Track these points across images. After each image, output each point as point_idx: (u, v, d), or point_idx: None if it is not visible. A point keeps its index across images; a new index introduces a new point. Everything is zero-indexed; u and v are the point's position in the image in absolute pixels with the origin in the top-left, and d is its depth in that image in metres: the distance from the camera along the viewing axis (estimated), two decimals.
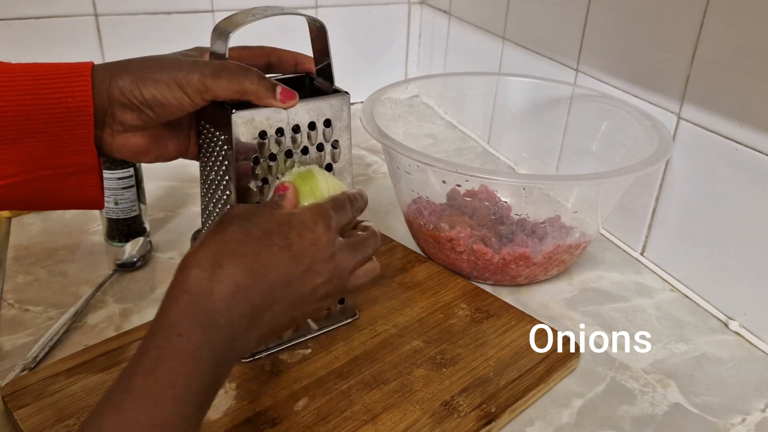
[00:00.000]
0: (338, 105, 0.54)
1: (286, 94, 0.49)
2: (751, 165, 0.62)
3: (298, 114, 0.52)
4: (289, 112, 0.51)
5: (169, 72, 0.47)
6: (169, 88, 0.47)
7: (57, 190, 0.49)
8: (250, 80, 0.48)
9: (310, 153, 0.54)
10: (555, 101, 0.86)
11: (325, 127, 0.54)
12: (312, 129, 0.53)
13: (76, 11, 0.94)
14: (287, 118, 0.51)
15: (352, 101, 0.55)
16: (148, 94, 0.47)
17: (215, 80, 0.47)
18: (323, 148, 0.54)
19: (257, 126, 0.50)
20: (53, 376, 0.53)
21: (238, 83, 0.47)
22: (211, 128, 0.52)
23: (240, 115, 0.49)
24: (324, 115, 0.53)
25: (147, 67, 0.47)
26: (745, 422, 0.55)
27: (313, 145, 0.54)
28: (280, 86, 0.49)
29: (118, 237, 0.74)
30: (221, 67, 0.48)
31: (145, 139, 0.50)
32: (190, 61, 0.48)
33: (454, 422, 0.51)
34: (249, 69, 0.48)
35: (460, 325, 0.62)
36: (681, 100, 0.69)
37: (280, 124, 0.51)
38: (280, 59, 0.56)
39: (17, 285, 0.67)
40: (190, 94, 0.47)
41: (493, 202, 0.75)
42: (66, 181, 0.48)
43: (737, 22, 0.61)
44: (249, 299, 0.41)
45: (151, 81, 0.46)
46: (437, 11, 1.18)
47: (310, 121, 0.53)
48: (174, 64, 0.47)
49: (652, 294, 0.71)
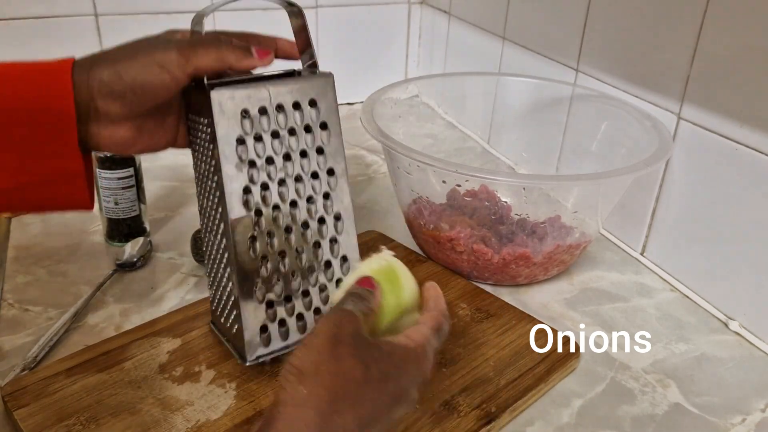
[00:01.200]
0: (321, 85, 0.53)
1: (261, 52, 0.49)
2: (751, 165, 0.62)
3: (281, 94, 0.51)
4: (271, 91, 0.51)
5: (146, 52, 0.47)
6: (149, 68, 0.46)
7: (43, 196, 0.48)
8: (225, 45, 0.48)
9: (298, 134, 0.53)
10: (555, 101, 0.86)
11: (311, 107, 0.53)
12: (297, 109, 0.52)
13: (76, 11, 0.94)
14: (269, 96, 0.51)
15: (353, 101, 0.55)
16: (128, 77, 0.46)
17: (193, 52, 0.47)
18: (311, 129, 0.54)
19: (238, 104, 0.50)
20: (53, 375, 0.53)
21: (216, 50, 0.47)
22: (196, 117, 0.52)
23: (219, 92, 0.49)
24: (308, 95, 0.53)
25: (123, 53, 0.47)
26: (745, 422, 0.55)
27: (300, 126, 0.53)
28: (254, 47, 0.49)
29: (118, 237, 0.74)
30: (196, 40, 0.48)
31: (131, 130, 0.49)
32: (165, 39, 0.49)
33: (454, 422, 0.51)
34: (220, 37, 0.49)
35: (460, 325, 0.62)
36: (681, 100, 0.69)
37: (263, 102, 0.51)
38: (259, 44, 0.55)
39: (17, 285, 0.67)
40: (171, 70, 0.46)
41: (493, 202, 0.75)
42: (52, 186, 0.47)
43: (737, 23, 0.61)
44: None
45: (129, 65, 0.46)
46: (437, 11, 1.18)
47: (294, 100, 0.52)
48: (150, 45, 0.48)
49: (652, 294, 0.71)
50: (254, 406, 0.52)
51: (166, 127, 0.53)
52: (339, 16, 1.14)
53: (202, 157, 0.53)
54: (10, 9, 0.90)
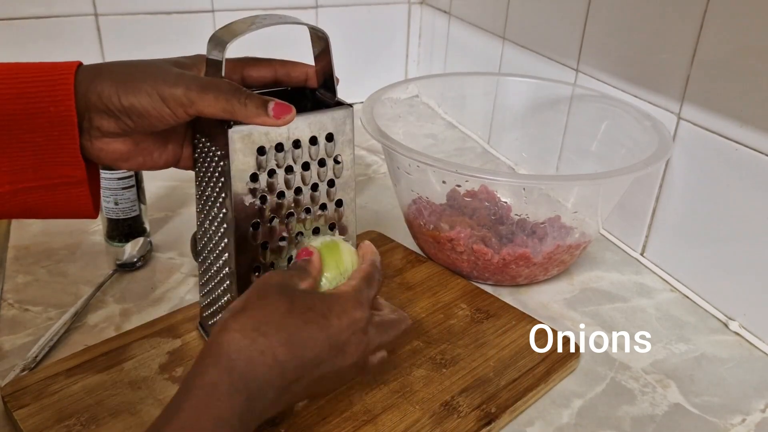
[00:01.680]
0: (341, 118, 0.51)
1: (279, 109, 0.45)
2: (751, 165, 0.62)
3: (299, 128, 0.50)
4: (290, 126, 0.49)
5: (153, 81, 0.44)
6: (150, 98, 0.44)
7: (45, 202, 0.47)
8: (238, 98, 0.45)
9: (311, 169, 0.52)
10: (555, 101, 0.86)
11: (327, 141, 0.52)
12: (314, 144, 0.51)
13: (76, 11, 0.94)
14: (287, 132, 0.49)
15: (353, 101, 0.54)
16: (127, 102, 0.44)
17: (201, 96, 0.44)
18: (325, 163, 0.52)
19: (255, 141, 0.48)
20: (53, 376, 0.53)
21: (226, 101, 0.44)
22: (207, 142, 0.51)
23: (237, 131, 0.47)
24: (326, 129, 0.51)
25: (129, 74, 0.45)
26: (745, 422, 0.55)
27: (314, 160, 0.52)
28: (273, 101, 0.45)
29: (118, 237, 0.74)
30: (210, 83, 0.45)
31: (126, 145, 0.48)
32: (177, 73, 0.46)
33: (454, 422, 0.51)
34: (239, 88, 0.45)
35: (460, 326, 0.62)
36: (681, 100, 0.69)
37: (280, 139, 0.49)
38: (288, 74, 0.53)
39: (17, 285, 0.68)
40: (171, 107, 0.45)
41: (493, 203, 0.75)
42: (54, 192, 0.47)
43: (737, 23, 0.61)
44: (283, 375, 0.41)
45: (131, 89, 0.44)
46: (437, 11, 1.18)
47: (312, 135, 0.50)
48: (159, 73, 0.45)
49: (652, 294, 0.71)
50: None
51: (168, 150, 0.52)
52: (339, 17, 1.14)
53: (209, 181, 0.52)
54: (10, 9, 0.90)
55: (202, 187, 0.53)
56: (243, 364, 0.40)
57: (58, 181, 0.46)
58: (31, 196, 0.46)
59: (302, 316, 0.43)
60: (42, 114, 0.44)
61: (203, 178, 0.53)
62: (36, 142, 0.44)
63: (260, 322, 0.41)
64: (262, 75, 0.53)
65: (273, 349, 0.41)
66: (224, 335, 0.41)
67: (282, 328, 0.42)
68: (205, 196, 0.53)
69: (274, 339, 0.41)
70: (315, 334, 0.43)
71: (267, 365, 0.40)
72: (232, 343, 0.40)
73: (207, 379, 0.39)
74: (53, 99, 0.44)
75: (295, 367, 0.42)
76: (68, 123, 0.44)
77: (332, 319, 0.44)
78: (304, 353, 0.42)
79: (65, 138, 0.45)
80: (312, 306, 0.44)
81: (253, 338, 0.40)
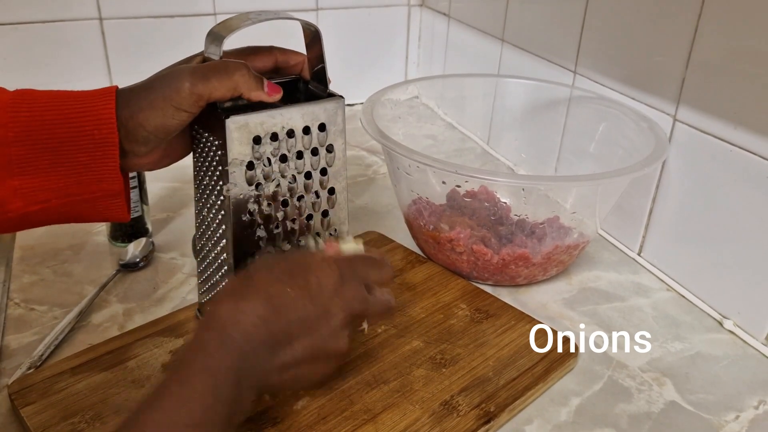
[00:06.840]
0: (333, 109, 0.54)
1: (272, 88, 0.50)
2: (745, 166, 0.62)
3: (293, 119, 0.52)
4: (284, 116, 0.52)
5: (163, 97, 0.47)
6: (166, 111, 0.48)
7: (86, 211, 0.51)
8: (240, 73, 0.48)
9: (305, 158, 0.54)
10: (553, 103, 0.87)
11: (319, 131, 0.54)
12: (306, 133, 0.54)
13: (80, 15, 0.94)
14: (282, 122, 0.52)
15: (353, 102, 0.55)
16: (150, 126, 0.48)
17: (206, 84, 0.47)
18: (318, 152, 0.55)
19: (251, 131, 0.50)
20: (58, 374, 0.54)
21: (229, 78, 0.48)
22: (204, 132, 0.53)
23: (234, 120, 0.49)
24: (318, 119, 0.54)
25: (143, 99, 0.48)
26: (739, 419, 0.55)
27: (307, 149, 0.54)
28: (266, 81, 0.50)
29: (122, 237, 0.75)
30: (208, 68, 0.48)
31: (156, 153, 0.52)
32: (176, 72, 0.48)
33: (454, 421, 0.52)
34: (236, 62, 0.49)
35: (460, 326, 0.63)
36: (677, 102, 0.70)
37: (275, 128, 0.52)
38: (287, 61, 0.56)
39: (23, 285, 0.68)
40: (187, 108, 0.48)
41: (492, 203, 0.75)
42: (94, 203, 0.50)
43: (732, 26, 0.62)
44: (268, 329, 0.44)
45: (149, 115, 0.48)
46: (437, 13, 1.18)
47: (305, 125, 0.53)
48: (164, 85, 0.48)
49: (649, 293, 0.71)
50: (255, 406, 0.52)
51: (185, 140, 0.55)
52: (339, 19, 1.15)
53: (206, 170, 0.54)
54: (16, 13, 0.91)
55: (200, 176, 0.55)
56: (230, 324, 0.43)
57: (98, 195, 0.50)
58: (74, 209, 0.50)
59: (281, 280, 0.46)
60: (87, 137, 0.47)
61: (201, 167, 0.55)
62: (81, 162, 0.48)
63: (243, 290, 0.45)
64: (264, 63, 0.55)
65: (255, 309, 0.44)
66: (215, 305, 0.45)
67: (262, 291, 0.45)
68: (203, 185, 0.55)
69: (255, 300, 0.44)
70: (294, 294, 0.46)
71: (252, 324, 0.43)
72: (219, 309, 0.44)
73: (201, 340, 0.43)
74: (97, 123, 0.47)
75: (280, 324, 0.45)
76: (110, 144, 0.48)
77: (310, 279, 0.47)
78: (287, 312, 0.45)
79: (107, 158, 0.48)
80: (290, 271, 0.47)
81: (236, 302, 0.44)
